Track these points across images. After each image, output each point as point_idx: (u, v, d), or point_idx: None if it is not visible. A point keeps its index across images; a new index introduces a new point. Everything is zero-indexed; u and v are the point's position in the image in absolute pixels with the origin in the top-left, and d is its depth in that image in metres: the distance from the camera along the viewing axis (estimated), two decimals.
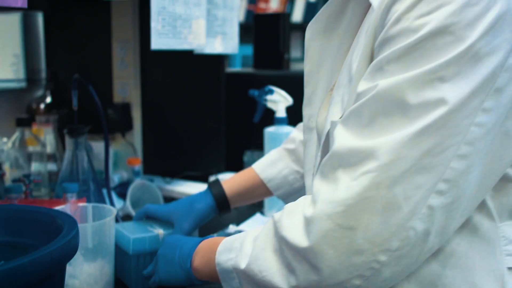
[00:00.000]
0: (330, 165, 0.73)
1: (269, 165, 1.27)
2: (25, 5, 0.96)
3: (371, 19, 0.78)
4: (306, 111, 1.02)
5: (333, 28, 0.97)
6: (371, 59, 0.77)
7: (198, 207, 1.22)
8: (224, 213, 1.26)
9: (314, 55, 1.00)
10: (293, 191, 1.27)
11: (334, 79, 0.95)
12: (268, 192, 1.28)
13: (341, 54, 0.95)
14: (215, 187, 1.25)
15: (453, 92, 0.66)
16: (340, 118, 0.82)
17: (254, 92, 1.58)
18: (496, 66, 0.68)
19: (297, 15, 4.36)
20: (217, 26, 1.64)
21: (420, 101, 0.67)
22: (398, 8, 0.70)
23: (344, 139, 0.72)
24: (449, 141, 0.67)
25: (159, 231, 1.15)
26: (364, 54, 0.78)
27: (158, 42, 1.35)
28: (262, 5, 4.48)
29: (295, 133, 1.29)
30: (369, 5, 0.85)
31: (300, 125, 1.29)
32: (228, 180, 1.28)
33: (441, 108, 0.66)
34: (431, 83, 0.67)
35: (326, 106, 0.95)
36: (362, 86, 0.73)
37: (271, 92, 1.54)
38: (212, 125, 1.83)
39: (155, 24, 1.34)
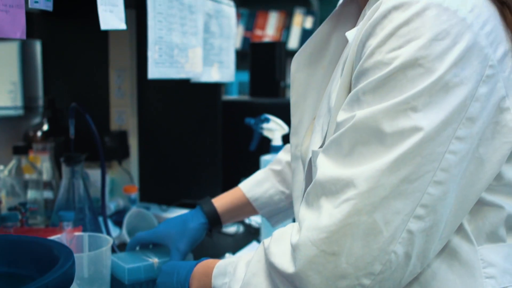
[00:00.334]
0: (313, 194, 0.77)
1: (255, 185, 1.30)
2: (24, 37, 0.97)
3: (349, 52, 0.82)
4: (293, 140, 1.07)
5: (317, 60, 1.02)
6: (349, 90, 0.81)
7: (191, 226, 1.23)
8: (216, 230, 1.28)
9: (299, 86, 1.04)
10: (278, 211, 1.30)
11: (318, 108, 0.98)
12: (255, 211, 1.30)
13: (325, 85, 1.00)
14: (206, 205, 1.27)
15: (426, 120, 0.70)
16: (321, 147, 0.86)
17: (251, 121, 1.59)
18: (466, 96, 0.71)
19: (293, 42, 4.39)
20: (214, 54, 1.66)
21: (395, 129, 0.70)
22: (372, 43, 0.74)
23: (326, 168, 0.76)
24: (425, 168, 0.70)
25: (154, 260, 1.15)
26: (343, 86, 0.82)
27: (155, 71, 1.36)
28: (258, 32, 4.51)
29: (281, 154, 1.32)
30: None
31: (287, 146, 1.33)
32: (218, 198, 1.30)
33: (415, 136, 0.70)
34: (404, 113, 0.70)
35: (309, 135, 0.99)
36: (341, 116, 0.77)
37: (267, 120, 1.55)
38: (209, 153, 1.84)
39: (152, 54, 1.35)
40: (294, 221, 1.26)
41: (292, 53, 4.76)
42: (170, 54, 1.41)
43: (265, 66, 1.99)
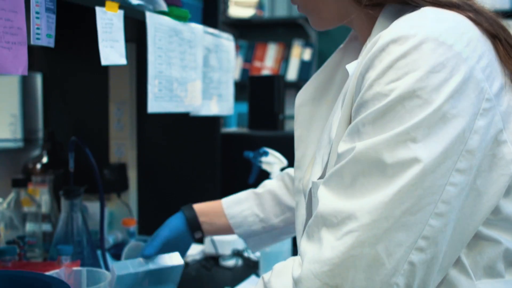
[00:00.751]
0: (315, 226, 0.77)
1: (235, 203, 1.33)
2: (26, 73, 0.98)
3: (349, 85, 0.83)
4: (296, 174, 1.07)
5: (321, 95, 1.04)
6: (350, 122, 0.82)
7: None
8: (197, 235, 1.30)
9: (303, 120, 1.06)
10: (252, 233, 1.31)
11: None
12: (231, 228, 1.31)
13: (329, 118, 1.00)
14: (187, 210, 1.31)
15: (425, 152, 0.71)
16: (320, 178, 0.87)
17: (249, 154, 1.59)
18: (464, 128, 0.72)
19: (291, 74, 4.42)
20: (213, 88, 1.67)
21: (395, 160, 0.71)
22: (371, 75, 0.75)
23: (327, 200, 0.76)
24: (427, 200, 0.71)
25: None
26: (343, 118, 0.83)
27: (154, 105, 1.37)
28: (257, 64, 4.55)
29: (269, 180, 1.37)
30: None
31: (279, 174, 1.37)
32: (199, 205, 1.33)
33: (415, 167, 0.70)
34: (404, 143, 0.71)
35: (310, 168, 0.99)
36: (342, 147, 0.78)
37: (265, 154, 1.55)
38: (208, 186, 1.84)
39: (152, 88, 1.36)
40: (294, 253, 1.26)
41: (290, 84, 4.79)
42: (169, 88, 1.42)
43: (263, 99, 2.00)
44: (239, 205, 1.32)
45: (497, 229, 0.80)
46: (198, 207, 1.31)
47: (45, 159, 1.83)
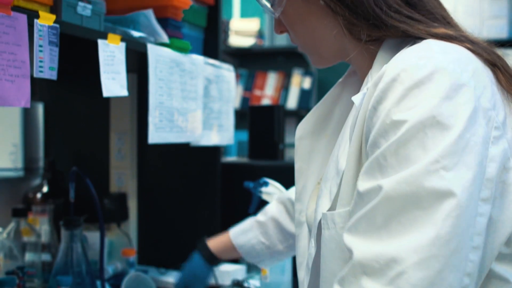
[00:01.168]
0: (352, 276, 0.73)
1: (241, 233, 1.41)
2: (28, 105, 0.99)
3: (357, 117, 0.83)
4: (297, 206, 1.08)
5: (321, 128, 1.05)
6: (360, 154, 0.82)
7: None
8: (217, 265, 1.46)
9: (303, 153, 1.07)
10: (261, 258, 1.41)
11: (322, 174, 1.01)
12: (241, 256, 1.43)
13: (329, 151, 1.02)
14: (204, 249, 1.44)
15: (458, 181, 0.69)
16: (330, 210, 0.86)
17: (249, 184, 1.60)
18: (482, 155, 0.72)
19: (291, 102, 4.44)
20: (213, 118, 1.69)
21: (430, 192, 0.69)
22: (386, 106, 0.75)
23: (362, 246, 0.73)
24: (466, 233, 0.70)
25: None
26: (352, 149, 0.83)
27: (155, 136, 1.38)
28: (257, 92, 4.57)
29: (270, 206, 1.41)
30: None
31: (279, 197, 1.42)
32: (212, 241, 1.46)
33: (451, 199, 0.69)
34: (437, 173, 0.69)
35: (314, 199, 1.00)
36: (363, 185, 0.76)
37: (266, 184, 1.56)
38: (208, 216, 1.84)
39: (153, 119, 1.37)
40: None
41: (290, 113, 4.80)
42: (170, 119, 1.43)
43: (264, 129, 2.01)
44: (245, 235, 1.40)
45: (508, 264, 0.79)
46: (211, 244, 1.44)
47: (45, 189, 1.83)
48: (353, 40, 0.90)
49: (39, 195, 1.83)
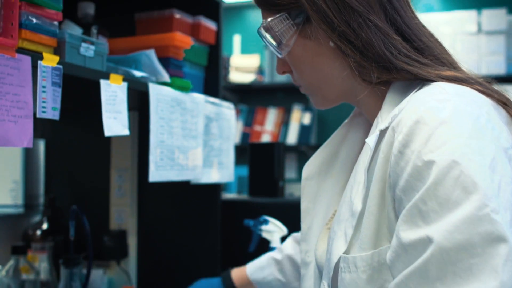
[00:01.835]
0: None
1: (258, 269, 1.43)
2: (30, 145, 1.00)
3: (377, 161, 0.83)
4: (303, 246, 1.08)
5: (327, 169, 1.06)
6: (382, 198, 0.81)
7: None
8: None
9: (310, 192, 1.07)
10: None
11: (329, 214, 1.01)
12: None
13: (335, 191, 1.03)
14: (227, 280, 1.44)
15: (505, 223, 0.69)
16: (345, 253, 0.85)
17: (249, 222, 1.60)
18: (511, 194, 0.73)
19: (291, 138, 4.46)
20: (214, 156, 1.69)
21: (483, 237, 0.68)
22: (414, 148, 0.76)
23: None
24: None
25: None
26: (373, 194, 0.82)
27: (156, 175, 1.39)
28: (257, 128, 4.59)
29: (286, 243, 1.40)
30: (360, 148, 0.94)
31: (295, 235, 1.40)
32: (234, 272, 1.46)
33: (504, 244, 0.68)
34: (488, 217, 0.69)
35: (323, 240, 1.01)
36: (408, 236, 0.74)
37: (266, 222, 1.56)
38: (208, 253, 1.84)
39: (154, 157, 1.38)
40: None
41: (290, 148, 4.79)
42: (171, 157, 1.44)
43: (264, 166, 2.02)
44: (262, 271, 1.42)
45: None
46: (233, 275, 1.45)
47: (45, 226, 1.83)
48: (362, 82, 0.91)
49: (38, 232, 1.82)
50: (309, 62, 0.95)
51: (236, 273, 1.46)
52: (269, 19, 0.95)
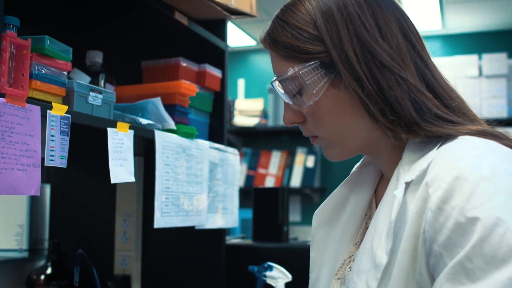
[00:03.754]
0: None
1: None
2: (38, 193, 1.02)
3: (408, 216, 0.82)
4: None
5: (336, 218, 1.06)
6: (414, 253, 0.81)
7: None
8: None
9: (319, 242, 1.07)
10: None
11: (338, 264, 1.02)
12: None
13: (345, 240, 1.03)
14: None
15: None
16: None
17: (254, 268, 1.60)
18: None
19: (295, 181, 4.47)
20: (218, 201, 1.70)
21: None
22: (455, 204, 0.76)
23: None
24: None
25: None
26: (404, 248, 0.82)
27: (161, 221, 1.40)
28: (261, 171, 4.60)
29: None
30: (370, 197, 0.97)
31: None
32: None
33: None
34: None
35: None
36: None
37: (270, 268, 1.56)
38: None
39: (159, 204, 1.39)
40: None
41: (294, 191, 4.76)
42: (176, 203, 1.45)
43: (268, 211, 2.03)
44: None
45: None
46: None
47: (49, 270, 1.83)
48: (385, 134, 0.89)
49: (42, 277, 1.82)
50: (336, 113, 0.92)
51: None
52: (296, 67, 0.91)
